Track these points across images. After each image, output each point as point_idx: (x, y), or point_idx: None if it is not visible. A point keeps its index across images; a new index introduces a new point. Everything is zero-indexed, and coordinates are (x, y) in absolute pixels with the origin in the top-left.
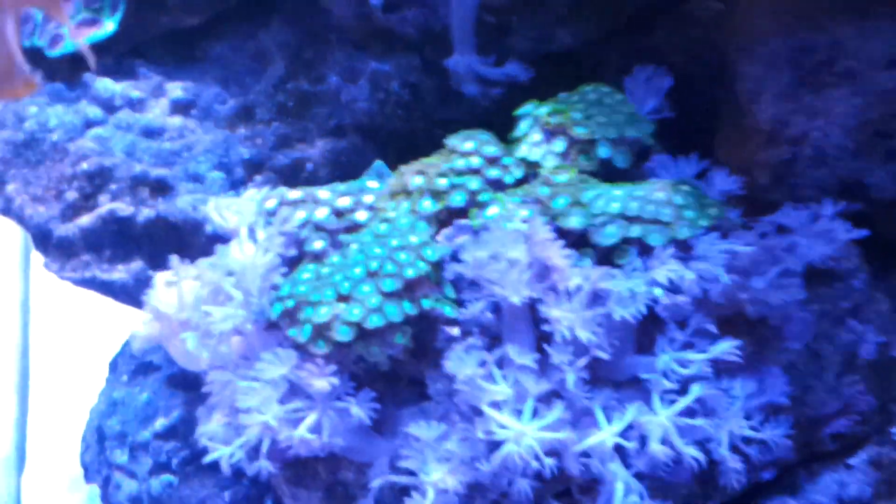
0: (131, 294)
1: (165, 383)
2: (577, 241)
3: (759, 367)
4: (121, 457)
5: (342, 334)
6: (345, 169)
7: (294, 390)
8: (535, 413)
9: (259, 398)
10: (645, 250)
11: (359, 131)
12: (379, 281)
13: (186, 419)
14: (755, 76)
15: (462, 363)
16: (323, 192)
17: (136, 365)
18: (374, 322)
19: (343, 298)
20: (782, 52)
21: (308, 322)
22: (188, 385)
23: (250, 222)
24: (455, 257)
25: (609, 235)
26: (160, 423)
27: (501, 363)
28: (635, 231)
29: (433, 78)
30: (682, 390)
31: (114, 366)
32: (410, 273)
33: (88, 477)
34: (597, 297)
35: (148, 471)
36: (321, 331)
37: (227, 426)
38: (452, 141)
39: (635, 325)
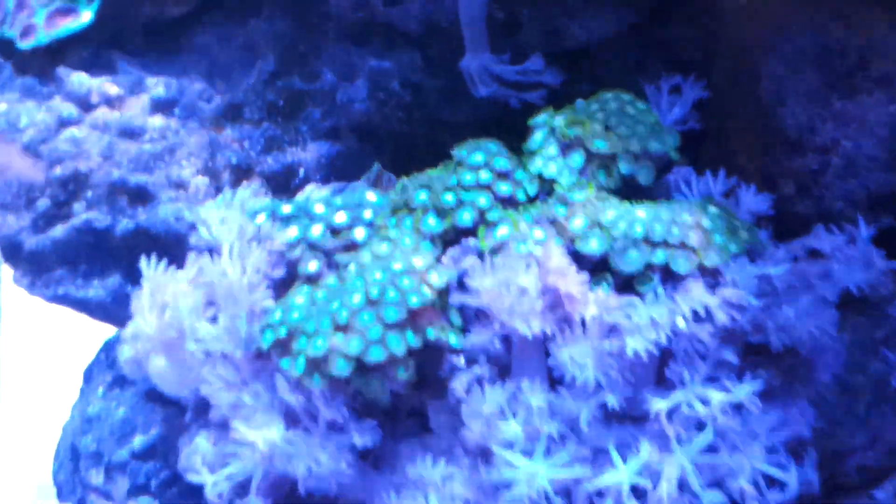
0: (109, 312)
1: (143, 398)
2: (596, 265)
3: (786, 399)
4: (96, 478)
5: (340, 369)
6: (340, 175)
7: (289, 421)
8: (548, 452)
9: (258, 421)
10: (669, 276)
11: (355, 134)
12: (380, 310)
13: (166, 437)
14: (780, 77)
15: (482, 400)
16: (318, 207)
17: (112, 376)
18: (375, 355)
19: (341, 328)
20: (810, 52)
21: (302, 354)
22: (168, 400)
23: (238, 238)
24: (462, 282)
25: (631, 261)
26: (138, 441)
27: (511, 398)
28: (659, 257)
29: (437, 77)
30: (703, 424)
31: (88, 375)
32: (415, 301)
33: (62, 497)
34: (614, 329)
35: (125, 493)
36: (317, 364)
37: (216, 448)
38: (460, 152)
39: (656, 356)
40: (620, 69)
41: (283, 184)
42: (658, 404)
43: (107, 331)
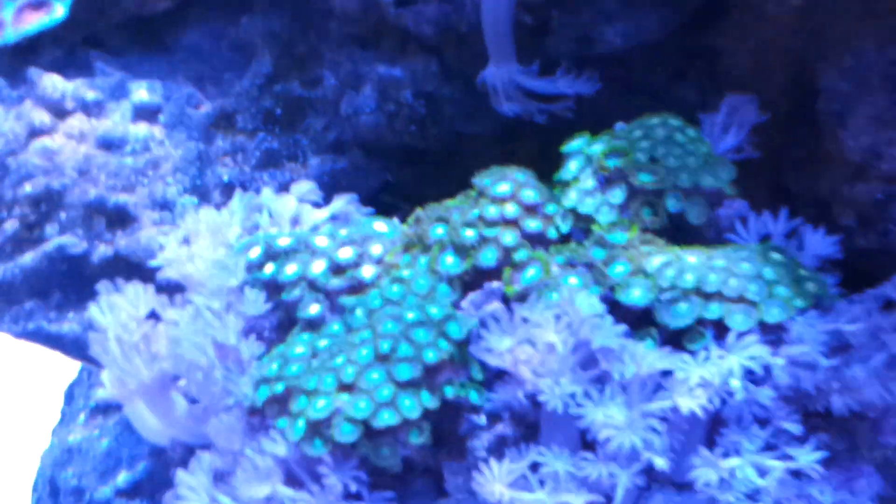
0: (84, 350)
1: (129, 427)
2: (639, 318)
3: (849, 466)
4: None
5: (345, 434)
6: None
7: (290, 481)
8: None
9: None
10: (724, 333)
11: (362, 149)
12: (392, 367)
13: (154, 473)
14: (842, 94)
15: (503, 466)
16: (320, 239)
17: (95, 401)
18: (385, 420)
19: (346, 388)
20: (878, 66)
21: (301, 416)
22: None
23: (224, 282)
24: (482, 335)
25: (681, 315)
26: (123, 477)
27: (537, 464)
28: (714, 311)
29: (454, 87)
30: (755, 494)
31: (69, 396)
32: (431, 357)
33: None
34: (658, 388)
35: None
36: (318, 428)
37: None
38: (482, 181)
39: (705, 420)
40: (658, 78)
41: None
42: (708, 473)
43: None
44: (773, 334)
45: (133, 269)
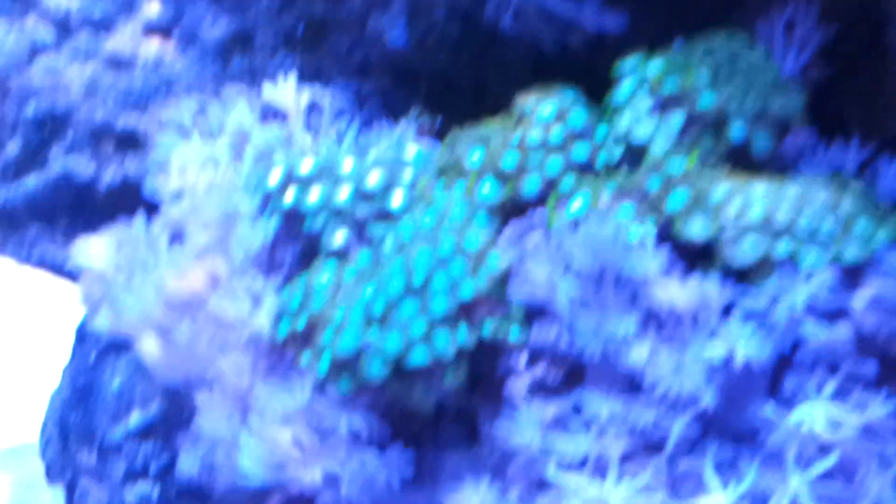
0: None
1: (141, 366)
2: (699, 255)
3: None
4: (88, 459)
5: (374, 372)
6: (370, 122)
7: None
8: (622, 475)
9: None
10: (795, 272)
11: (389, 72)
12: (425, 300)
13: (168, 412)
14: None
15: (540, 409)
16: (346, 163)
17: (106, 340)
18: (417, 358)
19: (375, 321)
20: None
21: (327, 349)
22: None
23: (219, 212)
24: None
25: (745, 251)
26: (135, 418)
27: (578, 407)
28: (783, 248)
29: (492, 6)
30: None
31: (81, 335)
32: (468, 291)
33: (51, 476)
34: (716, 331)
35: (121, 479)
36: (345, 364)
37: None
38: (524, 101)
39: (770, 365)
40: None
41: None
42: (772, 423)
43: None
44: (849, 273)
45: (142, 195)
